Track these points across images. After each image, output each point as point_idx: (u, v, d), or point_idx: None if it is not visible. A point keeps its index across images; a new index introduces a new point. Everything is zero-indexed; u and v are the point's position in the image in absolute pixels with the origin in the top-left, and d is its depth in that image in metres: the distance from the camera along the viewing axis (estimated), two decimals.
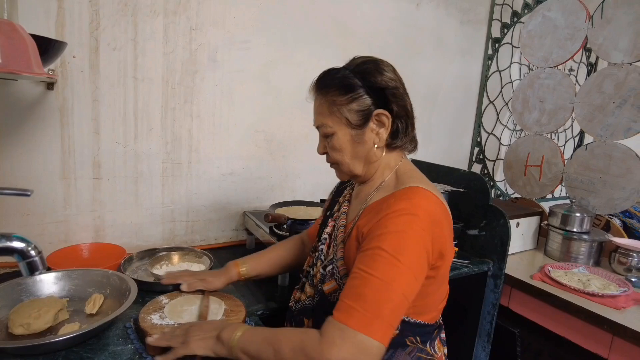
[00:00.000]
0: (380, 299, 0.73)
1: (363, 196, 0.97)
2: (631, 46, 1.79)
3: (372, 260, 0.76)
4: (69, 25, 1.29)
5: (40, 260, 0.88)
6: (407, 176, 0.91)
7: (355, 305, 0.73)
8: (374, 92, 0.88)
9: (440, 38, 2.20)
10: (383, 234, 0.78)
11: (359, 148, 0.91)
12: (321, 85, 0.92)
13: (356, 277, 0.76)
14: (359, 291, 0.74)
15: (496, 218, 1.63)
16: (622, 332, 1.31)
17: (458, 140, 2.46)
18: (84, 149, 1.38)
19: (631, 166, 1.83)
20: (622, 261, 1.70)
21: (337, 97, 0.89)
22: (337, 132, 0.90)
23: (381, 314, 0.72)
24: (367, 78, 0.88)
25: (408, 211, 0.79)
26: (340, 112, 0.89)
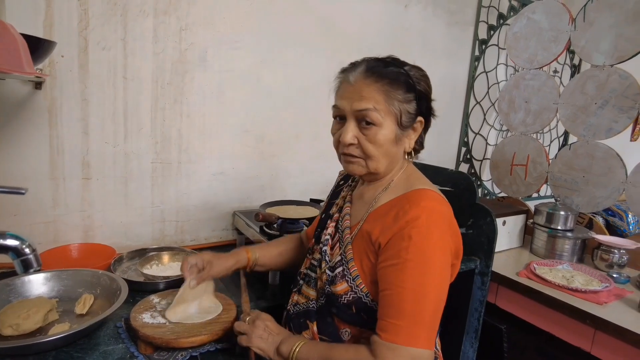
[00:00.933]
0: (419, 309, 0.77)
1: (368, 197, 0.97)
2: (612, 49, 1.84)
3: (402, 274, 0.79)
4: (58, 25, 1.29)
5: (35, 258, 0.89)
6: (414, 178, 0.94)
7: (398, 322, 0.77)
8: (421, 100, 0.90)
9: (428, 39, 2.23)
10: (406, 247, 0.79)
11: (395, 148, 0.91)
12: (380, 70, 0.86)
13: (391, 296, 0.79)
14: (398, 308, 0.78)
15: (483, 216, 1.66)
16: (604, 326, 1.35)
17: (445, 140, 2.49)
18: (73, 148, 1.37)
19: (612, 165, 1.88)
20: (604, 258, 1.75)
21: (398, 91, 0.86)
22: (385, 125, 0.86)
23: (423, 323, 0.77)
24: (421, 83, 0.90)
25: (424, 216, 0.81)
26: (396, 107, 0.86)
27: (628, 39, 1.79)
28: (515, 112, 2.30)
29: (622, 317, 1.36)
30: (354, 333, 0.91)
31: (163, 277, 1.25)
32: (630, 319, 1.36)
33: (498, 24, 2.51)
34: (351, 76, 0.88)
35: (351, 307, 0.89)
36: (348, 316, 0.91)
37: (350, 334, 0.92)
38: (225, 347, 0.97)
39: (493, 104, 2.64)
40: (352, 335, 0.92)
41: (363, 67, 0.88)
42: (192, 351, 0.92)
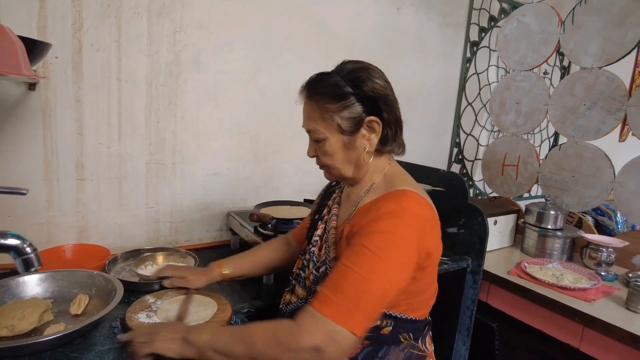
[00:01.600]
0: (359, 293, 0.76)
1: (354, 198, 0.99)
2: (600, 51, 1.88)
3: (355, 256, 0.79)
4: (51, 26, 1.29)
5: (36, 257, 0.90)
6: (397, 179, 0.95)
7: (333, 296, 0.76)
8: (365, 100, 0.90)
9: (421, 41, 2.25)
10: (369, 233, 0.81)
11: (350, 153, 0.94)
12: (312, 90, 0.93)
13: (338, 271, 0.80)
14: (339, 284, 0.78)
15: (474, 216, 1.68)
16: (592, 323, 1.38)
17: (438, 141, 2.52)
18: (67, 150, 1.37)
19: (601, 166, 1.91)
20: (593, 256, 1.78)
21: (329, 104, 0.90)
22: (329, 138, 0.92)
23: (358, 307, 0.75)
24: (359, 86, 0.90)
25: (396, 213, 0.82)
26: (332, 119, 0.90)
27: (615, 42, 1.83)
28: (506, 113, 2.33)
29: (609, 313, 1.39)
30: None
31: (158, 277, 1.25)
32: (617, 315, 1.39)
33: (489, 26, 2.54)
34: (300, 97, 0.96)
35: None
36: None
37: None
38: None
39: (484, 105, 2.68)
40: None
41: (303, 89, 0.95)
42: None
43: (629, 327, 1.31)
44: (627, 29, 1.78)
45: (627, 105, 1.79)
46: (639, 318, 1.39)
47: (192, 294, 1.12)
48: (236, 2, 1.60)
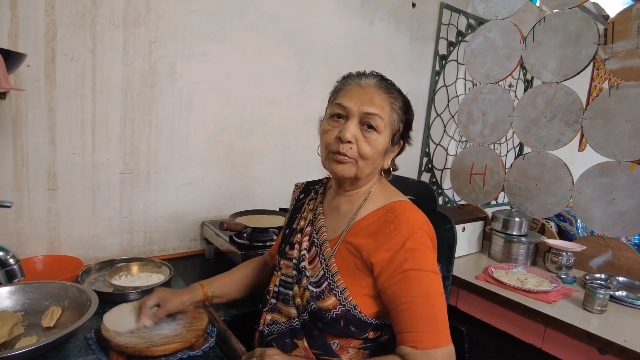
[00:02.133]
0: (434, 312, 0.84)
1: (346, 209, 1.00)
2: (558, 67, 2.00)
3: (418, 284, 0.85)
4: (23, 34, 1.28)
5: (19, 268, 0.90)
6: (389, 190, 1.03)
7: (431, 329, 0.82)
8: (406, 124, 1.00)
9: (391, 54, 2.33)
10: (404, 260, 0.86)
11: (381, 159, 0.98)
12: (391, 87, 0.97)
13: (405, 308, 0.84)
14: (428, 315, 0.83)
15: (443, 223, 1.74)
16: (553, 323, 1.46)
17: (408, 151, 2.58)
18: (39, 159, 1.35)
19: (561, 174, 2.02)
20: (554, 260, 1.88)
21: (400, 109, 0.96)
22: (383, 133, 0.93)
23: (439, 323, 0.83)
24: (410, 112, 1.00)
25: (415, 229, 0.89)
26: (394, 122, 0.96)
27: (571, 59, 1.95)
28: (473, 124, 2.43)
29: (568, 314, 1.47)
30: (342, 344, 0.94)
31: (133, 287, 1.25)
32: (575, 315, 1.47)
33: (457, 41, 2.66)
34: (363, 81, 0.95)
35: (339, 321, 0.92)
36: (336, 330, 0.93)
37: (339, 345, 0.94)
38: (197, 355, 0.99)
39: (453, 116, 2.78)
40: (340, 346, 0.94)
41: (376, 77, 0.97)
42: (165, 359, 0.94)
43: (585, 326, 1.39)
44: (581, 47, 1.91)
45: (582, 118, 1.91)
46: (594, 317, 1.48)
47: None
48: (211, 13, 1.63)
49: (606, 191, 1.86)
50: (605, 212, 1.86)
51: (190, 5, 1.57)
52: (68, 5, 1.33)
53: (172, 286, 1.35)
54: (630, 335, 1.36)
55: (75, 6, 1.34)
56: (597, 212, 1.89)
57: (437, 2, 2.48)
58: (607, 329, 1.39)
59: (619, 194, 1.82)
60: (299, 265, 0.99)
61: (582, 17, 1.92)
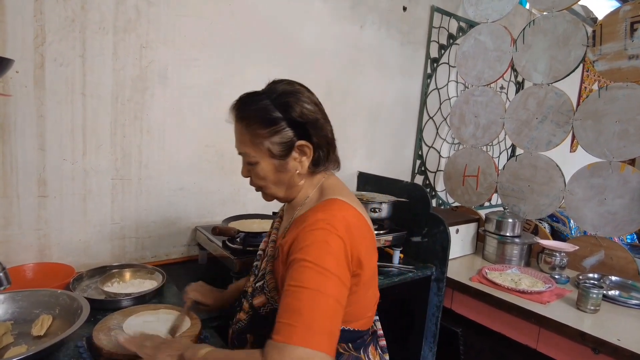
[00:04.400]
0: (314, 308, 0.75)
1: (291, 212, 1.00)
2: (548, 69, 2.02)
3: (299, 273, 0.78)
4: (11, 40, 1.27)
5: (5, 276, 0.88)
6: (329, 190, 0.95)
7: (290, 321, 0.74)
8: (295, 125, 0.91)
9: (383, 58, 2.34)
10: (305, 247, 0.80)
11: (282, 175, 0.95)
12: (242, 113, 0.93)
13: (287, 295, 0.78)
14: (293, 307, 0.75)
15: (436, 225, 1.76)
16: (547, 323, 1.46)
17: (401, 153, 2.60)
18: (28, 166, 1.34)
19: (553, 175, 2.04)
20: (547, 261, 1.89)
21: (259, 129, 0.90)
22: (261, 162, 0.93)
23: (317, 324, 0.74)
24: (289, 111, 0.90)
25: (325, 222, 0.83)
26: (263, 144, 0.91)
27: (559, 61, 1.98)
28: (465, 126, 2.45)
29: (562, 314, 1.48)
30: None
31: (125, 294, 1.24)
32: (569, 315, 1.48)
33: (448, 44, 2.67)
34: (230, 117, 0.96)
35: (268, 319, 0.90)
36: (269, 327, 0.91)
37: None
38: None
39: (445, 119, 2.79)
40: None
41: (235, 107, 0.95)
42: None
43: (579, 326, 1.40)
44: (570, 49, 1.93)
45: (573, 119, 1.93)
46: (587, 317, 1.49)
47: (187, 310, 1.12)
48: (201, 18, 1.62)
49: (597, 191, 1.87)
50: (597, 212, 1.88)
51: (181, 10, 1.56)
52: (57, 11, 1.32)
53: (164, 292, 1.34)
54: (623, 334, 1.36)
55: (64, 11, 1.33)
56: (589, 212, 1.91)
57: (428, 6, 2.49)
58: (600, 328, 1.40)
59: (609, 194, 1.84)
60: (254, 264, 1.05)
61: (571, 19, 1.94)
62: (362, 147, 2.35)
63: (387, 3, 2.27)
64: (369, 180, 2.18)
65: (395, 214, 1.79)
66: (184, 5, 1.57)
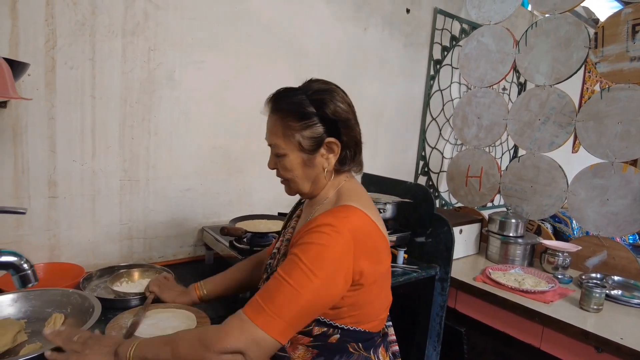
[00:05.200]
0: (287, 303, 0.80)
1: (308, 211, 1.02)
2: (550, 71, 2.04)
3: (290, 267, 0.82)
4: (24, 44, 1.29)
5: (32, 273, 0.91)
6: (347, 195, 0.96)
7: (263, 304, 0.80)
8: (327, 122, 0.93)
9: (386, 59, 2.36)
10: (305, 244, 0.83)
11: (309, 170, 0.97)
12: (277, 106, 0.96)
13: (273, 280, 0.83)
14: (271, 293, 0.81)
15: (441, 226, 1.77)
16: (550, 323, 1.48)
17: (404, 154, 2.62)
18: (39, 167, 1.36)
19: (555, 176, 2.05)
20: (550, 261, 1.91)
21: (292, 122, 0.93)
22: (289, 155, 0.95)
23: (285, 317, 0.79)
24: (322, 108, 0.93)
25: (331, 227, 0.84)
26: (294, 137, 0.93)
27: (562, 63, 1.99)
28: (468, 127, 2.47)
29: (565, 313, 1.50)
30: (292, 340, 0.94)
31: (134, 293, 1.26)
32: (572, 314, 1.50)
33: (451, 45, 2.69)
34: (266, 109, 0.99)
35: None
36: None
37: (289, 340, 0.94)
38: None
39: (448, 120, 2.81)
40: (291, 342, 0.94)
41: (271, 99, 0.98)
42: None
43: (582, 325, 1.41)
44: (572, 51, 1.95)
45: (575, 120, 1.95)
46: (590, 316, 1.50)
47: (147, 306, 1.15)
48: (208, 21, 1.65)
49: (600, 192, 1.89)
50: (599, 212, 1.89)
51: (188, 13, 1.59)
52: (68, 15, 1.34)
53: None
54: (626, 333, 1.38)
55: (75, 16, 1.35)
56: (591, 212, 1.92)
57: (431, 8, 2.51)
58: (603, 327, 1.41)
59: (612, 194, 1.85)
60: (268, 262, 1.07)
61: (573, 21, 1.96)
62: (366, 148, 2.31)
63: (390, 5, 2.29)
64: (372, 181, 2.20)
65: (400, 215, 1.81)
66: (191, 9, 1.59)
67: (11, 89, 0.75)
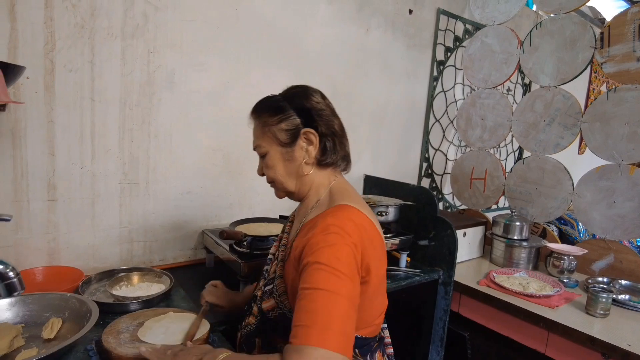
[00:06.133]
0: (330, 309, 0.75)
1: (301, 215, 1.01)
2: (555, 71, 2.01)
3: (312, 276, 0.78)
4: (22, 47, 1.28)
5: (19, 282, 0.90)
6: (339, 195, 0.96)
7: (305, 323, 0.73)
8: (301, 113, 0.96)
9: (388, 61, 2.33)
10: (317, 250, 0.81)
11: (290, 165, 0.98)
12: (256, 109, 1.02)
13: (302, 298, 0.78)
14: (308, 309, 0.75)
15: (443, 229, 1.75)
16: (555, 328, 1.45)
17: (407, 156, 2.60)
18: (38, 170, 1.36)
19: (561, 178, 2.02)
20: (556, 264, 1.88)
21: (268, 118, 0.97)
22: (270, 151, 0.98)
23: (334, 325, 0.73)
24: (295, 100, 0.98)
25: (336, 226, 0.83)
26: (271, 132, 0.97)
27: (567, 63, 1.96)
28: (472, 128, 2.44)
29: (571, 318, 1.47)
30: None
31: (133, 297, 1.25)
32: (578, 320, 1.47)
33: (454, 46, 2.67)
34: (249, 122, 1.04)
35: (278, 323, 0.93)
36: (277, 332, 0.94)
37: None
38: None
39: (451, 122, 2.78)
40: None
41: (252, 110, 1.03)
42: None
43: (588, 330, 1.38)
44: (578, 51, 1.92)
45: (581, 121, 1.92)
46: (597, 321, 1.47)
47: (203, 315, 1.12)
48: (208, 23, 1.64)
49: (606, 194, 1.86)
50: (606, 215, 1.86)
51: (187, 15, 1.58)
52: (67, 18, 1.34)
53: (172, 296, 1.34)
54: (633, 339, 1.35)
55: (74, 18, 1.35)
56: (598, 215, 1.89)
57: (434, 8, 2.49)
58: (610, 333, 1.38)
59: (619, 196, 1.82)
60: (264, 268, 1.07)
61: (579, 21, 1.93)
62: (368, 150, 2.35)
63: (393, 6, 2.27)
64: (375, 183, 2.18)
65: (402, 217, 1.78)
66: (191, 11, 1.58)
67: (2, 93, 0.74)
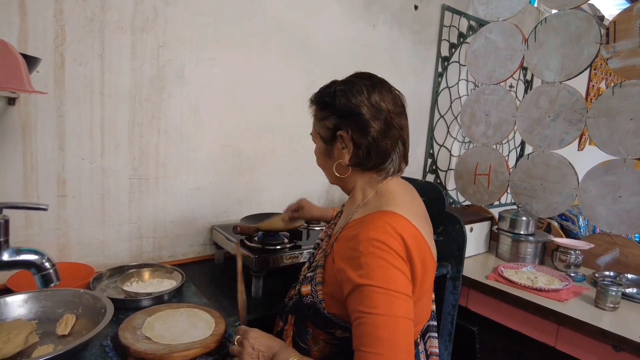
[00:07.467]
0: (394, 334, 0.76)
1: (348, 210, 0.99)
2: (560, 67, 2.02)
3: (369, 299, 0.77)
4: (33, 40, 1.27)
5: (55, 273, 0.89)
6: (385, 198, 0.91)
7: (376, 350, 0.75)
8: (342, 113, 0.91)
9: (395, 57, 2.34)
10: (367, 272, 0.79)
11: (328, 161, 0.99)
12: (312, 99, 1.01)
13: (363, 323, 0.77)
14: (371, 334, 0.76)
15: (452, 224, 1.75)
16: (565, 321, 1.46)
17: (412, 152, 2.59)
18: (48, 165, 1.34)
19: (566, 173, 2.03)
20: (562, 259, 1.89)
21: (317, 112, 0.99)
22: (316, 142, 1.01)
23: (400, 347, 0.75)
24: (339, 98, 0.91)
25: (380, 242, 0.80)
26: (318, 126, 0.98)
27: (572, 59, 1.97)
28: (476, 124, 2.45)
29: (581, 312, 1.48)
30: (315, 333, 0.96)
31: (145, 293, 1.24)
32: (587, 313, 1.48)
33: (459, 42, 2.67)
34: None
35: (310, 309, 0.94)
36: (308, 316, 0.96)
37: (311, 333, 0.96)
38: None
39: (456, 118, 2.79)
40: (313, 335, 0.96)
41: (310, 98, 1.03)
42: None
43: (598, 323, 1.40)
44: (583, 47, 1.93)
45: (586, 117, 1.93)
46: (607, 314, 1.49)
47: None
48: (218, 19, 1.63)
49: (612, 189, 1.87)
50: (611, 210, 1.88)
51: (198, 10, 1.57)
52: (77, 11, 1.32)
53: (183, 292, 1.34)
54: None
55: (84, 11, 1.33)
56: (603, 210, 1.90)
57: (439, 5, 2.49)
58: (620, 326, 1.39)
59: (624, 191, 1.83)
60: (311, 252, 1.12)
61: (584, 17, 1.94)
62: None
63: (399, 2, 2.27)
64: None
65: None
66: (201, 5, 1.57)
67: (27, 83, 0.73)
